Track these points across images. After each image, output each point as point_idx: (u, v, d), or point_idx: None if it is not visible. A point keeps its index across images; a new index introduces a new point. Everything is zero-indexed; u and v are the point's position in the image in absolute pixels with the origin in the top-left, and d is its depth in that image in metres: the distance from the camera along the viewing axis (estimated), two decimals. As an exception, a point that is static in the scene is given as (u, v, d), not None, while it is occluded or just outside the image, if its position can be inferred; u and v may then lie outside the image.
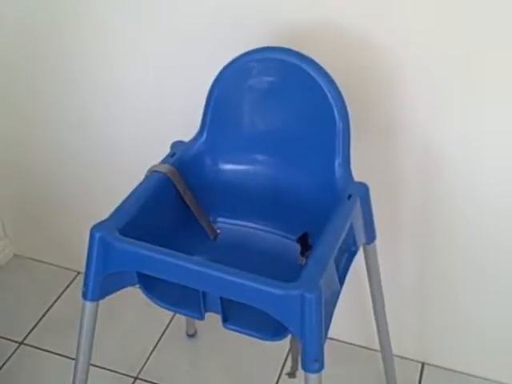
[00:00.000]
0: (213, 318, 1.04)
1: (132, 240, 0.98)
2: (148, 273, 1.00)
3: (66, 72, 1.41)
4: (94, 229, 0.99)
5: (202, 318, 1.03)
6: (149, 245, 0.97)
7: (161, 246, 0.97)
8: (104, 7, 1.28)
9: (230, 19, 1.20)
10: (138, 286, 1.07)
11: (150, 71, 1.33)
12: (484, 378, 1.45)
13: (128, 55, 1.33)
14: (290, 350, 1.02)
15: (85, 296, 1.03)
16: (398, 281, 1.40)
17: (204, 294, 1.01)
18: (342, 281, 1.03)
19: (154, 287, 1.06)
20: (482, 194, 1.23)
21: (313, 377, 0.94)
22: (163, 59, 1.30)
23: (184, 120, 1.24)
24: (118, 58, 1.34)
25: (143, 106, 1.38)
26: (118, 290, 1.06)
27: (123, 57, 1.34)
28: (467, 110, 1.15)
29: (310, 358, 0.92)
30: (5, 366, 1.49)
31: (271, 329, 1.00)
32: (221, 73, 1.11)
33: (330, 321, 0.97)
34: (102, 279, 1.01)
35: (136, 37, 1.30)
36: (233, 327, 1.02)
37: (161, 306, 1.07)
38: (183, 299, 1.05)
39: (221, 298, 0.99)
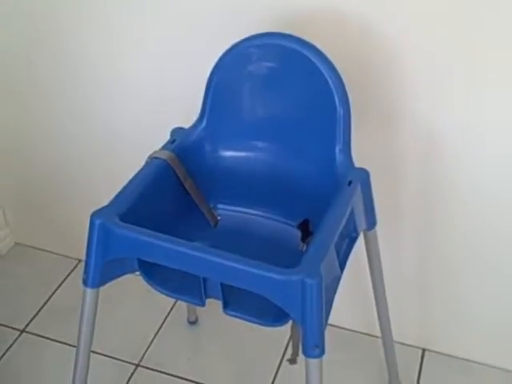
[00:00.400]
0: (214, 305, 1.05)
1: (132, 226, 0.97)
2: (148, 259, 1.00)
3: (66, 60, 1.40)
4: (94, 215, 0.99)
5: (202, 304, 1.03)
6: (149, 231, 0.97)
7: (161, 232, 0.97)
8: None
9: (229, 5, 1.20)
10: (138, 272, 1.07)
11: (149, 58, 1.33)
12: (484, 364, 1.45)
13: (128, 42, 1.32)
14: (291, 336, 1.02)
15: (85, 283, 1.03)
16: (399, 267, 1.40)
17: (205, 280, 1.01)
18: (342, 267, 1.03)
19: (155, 274, 1.06)
20: (483, 182, 1.23)
21: (313, 362, 0.94)
22: (163, 46, 1.30)
23: (184, 106, 1.23)
24: (118, 46, 1.34)
25: (143, 92, 1.37)
26: (119, 276, 1.06)
27: (123, 44, 1.33)
28: (468, 96, 1.15)
29: (311, 343, 0.92)
30: (7, 354, 1.50)
31: (272, 315, 1.00)
32: (221, 59, 1.11)
33: (330, 306, 0.97)
34: (103, 266, 1.01)
35: (136, 24, 1.29)
36: (233, 313, 1.02)
37: (161, 293, 1.07)
38: (184, 286, 1.05)
39: (221, 284, 0.99)
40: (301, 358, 0.96)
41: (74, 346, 1.12)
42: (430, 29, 1.10)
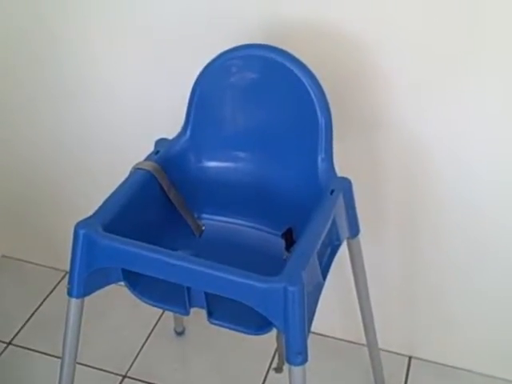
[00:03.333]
0: (201, 316, 1.05)
1: (116, 237, 0.98)
2: (132, 269, 1.00)
3: (52, 68, 1.40)
4: (78, 225, 0.99)
5: (187, 313, 1.04)
6: (133, 241, 0.97)
7: (145, 242, 0.98)
8: (91, 6, 1.29)
9: (214, 17, 1.21)
10: (123, 283, 1.07)
11: (135, 69, 1.34)
12: (471, 371, 1.46)
13: (113, 52, 1.33)
14: (277, 346, 1.03)
15: (70, 293, 1.03)
16: (384, 275, 1.41)
17: (188, 289, 1.01)
18: (324, 274, 1.04)
19: (139, 284, 1.07)
20: (466, 190, 1.24)
21: (297, 369, 0.94)
22: (148, 57, 1.31)
23: (168, 118, 1.24)
24: (104, 56, 1.35)
25: (128, 104, 1.38)
26: (103, 286, 1.06)
27: (108, 54, 1.34)
28: (451, 106, 1.16)
29: (294, 350, 0.93)
30: (-7, 366, 1.50)
31: (256, 323, 1.00)
32: (203, 71, 1.12)
33: (313, 314, 0.97)
34: (87, 276, 1.01)
35: (121, 34, 1.30)
36: (218, 322, 1.03)
37: (146, 303, 1.07)
38: (168, 295, 1.05)
39: (205, 293, 1.00)
40: (287, 366, 0.97)
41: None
42: (413, 37, 1.12)
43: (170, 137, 1.17)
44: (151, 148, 1.16)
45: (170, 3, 1.23)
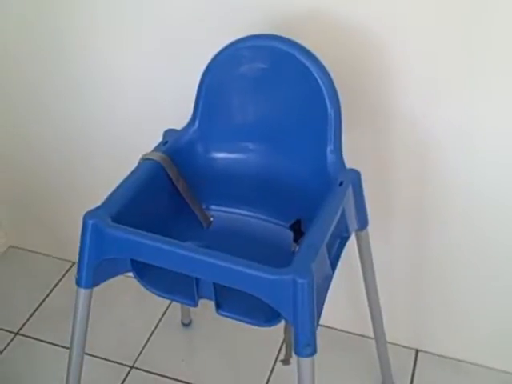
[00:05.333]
0: (207, 308, 1.05)
1: (124, 227, 0.98)
2: (141, 259, 1.00)
3: (60, 61, 1.40)
4: (87, 216, 0.99)
5: (195, 304, 1.04)
6: (141, 231, 0.97)
7: (153, 233, 0.98)
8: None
9: (222, 7, 1.20)
10: (131, 273, 1.07)
11: (142, 60, 1.33)
12: (478, 365, 1.46)
13: (121, 44, 1.33)
14: (284, 337, 1.03)
15: (78, 283, 1.03)
16: (392, 268, 1.40)
17: (197, 280, 1.01)
18: (333, 266, 1.03)
19: (148, 274, 1.07)
20: (476, 184, 1.23)
21: (305, 361, 0.94)
22: (156, 47, 1.30)
23: (176, 108, 1.24)
24: (113, 48, 1.34)
25: (137, 94, 1.38)
26: (112, 277, 1.06)
27: (116, 46, 1.34)
28: (458, 96, 1.15)
29: (303, 342, 0.93)
30: (1, 356, 1.50)
31: (264, 315, 1.00)
32: (212, 61, 1.11)
33: (322, 306, 0.97)
34: (96, 266, 1.01)
35: (128, 25, 1.30)
36: (226, 313, 1.03)
37: (154, 293, 1.07)
38: (177, 286, 1.05)
39: (214, 285, 1.00)
40: (294, 358, 0.97)
41: (68, 349, 1.12)
42: (419, 28, 1.11)
43: (179, 127, 1.17)
44: (159, 139, 1.16)
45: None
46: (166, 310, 1.60)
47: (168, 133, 1.17)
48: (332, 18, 1.15)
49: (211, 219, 1.20)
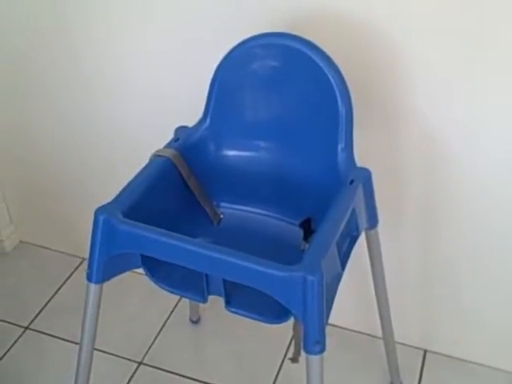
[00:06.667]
0: (216, 305, 1.05)
1: (135, 222, 0.98)
2: (151, 255, 1.00)
3: (70, 59, 1.41)
4: (98, 211, 1.00)
5: (205, 300, 1.04)
6: (152, 227, 0.97)
7: (164, 229, 0.98)
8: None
9: (233, 4, 1.21)
10: (141, 268, 1.08)
11: (153, 57, 1.34)
12: (486, 366, 1.45)
13: (132, 41, 1.33)
14: (293, 335, 1.03)
15: (89, 278, 1.04)
16: (401, 267, 1.40)
17: (207, 276, 1.02)
18: (343, 265, 1.04)
19: (158, 270, 1.07)
20: (486, 184, 1.23)
21: (314, 358, 0.94)
22: (168, 44, 1.31)
23: (188, 105, 1.24)
24: (122, 45, 1.35)
25: (147, 91, 1.38)
26: (122, 272, 1.07)
27: (127, 43, 1.34)
28: (470, 96, 1.15)
29: (312, 339, 0.93)
30: (10, 351, 1.51)
31: (274, 312, 1.00)
32: (224, 58, 1.12)
33: (331, 304, 0.97)
34: (106, 261, 1.02)
35: (139, 23, 1.30)
36: (235, 310, 1.03)
37: (164, 289, 1.08)
38: (187, 282, 1.06)
39: (224, 281, 1.00)
40: (302, 356, 0.97)
41: (78, 344, 1.13)
42: (431, 28, 1.11)
43: (190, 125, 1.17)
44: (170, 136, 1.16)
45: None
46: (175, 306, 1.60)
47: (179, 130, 1.17)
48: (345, 16, 1.14)
49: (221, 216, 1.20)
